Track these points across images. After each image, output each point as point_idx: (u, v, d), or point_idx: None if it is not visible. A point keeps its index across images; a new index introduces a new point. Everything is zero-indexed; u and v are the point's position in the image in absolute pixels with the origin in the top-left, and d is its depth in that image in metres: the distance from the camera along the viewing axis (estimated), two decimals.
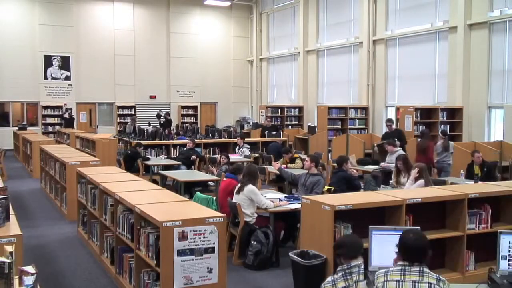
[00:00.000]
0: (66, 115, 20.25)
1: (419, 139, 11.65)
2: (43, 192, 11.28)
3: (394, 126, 12.77)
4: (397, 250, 3.33)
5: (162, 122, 20.05)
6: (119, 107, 22.64)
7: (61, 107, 21.39)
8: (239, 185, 6.66)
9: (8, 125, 21.10)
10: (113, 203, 5.68)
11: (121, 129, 21.32)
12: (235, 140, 13.74)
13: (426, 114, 14.02)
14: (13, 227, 3.99)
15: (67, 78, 21.60)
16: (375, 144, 12.19)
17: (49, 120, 21.44)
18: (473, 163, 9.48)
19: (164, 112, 20.79)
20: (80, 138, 15.30)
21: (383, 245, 3.96)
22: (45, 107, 21.35)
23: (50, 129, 21.27)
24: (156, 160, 12.07)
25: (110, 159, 12.51)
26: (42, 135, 18.66)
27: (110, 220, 5.85)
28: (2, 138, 19.95)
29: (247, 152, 12.76)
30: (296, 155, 10.90)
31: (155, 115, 21.29)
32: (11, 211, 4.23)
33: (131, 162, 11.37)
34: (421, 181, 7.04)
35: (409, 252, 3.20)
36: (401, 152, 10.28)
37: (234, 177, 7.26)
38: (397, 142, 10.88)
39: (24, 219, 8.36)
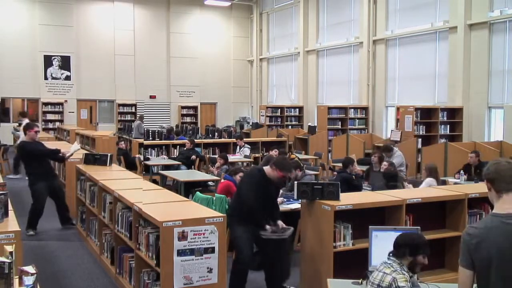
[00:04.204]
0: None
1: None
2: None
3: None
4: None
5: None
6: (119, 105, 22.65)
7: (61, 104, 21.41)
8: None
9: (8, 121, 21.12)
10: (112, 200, 5.68)
11: (122, 126, 21.31)
12: (235, 140, 13.73)
13: (426, 114, 14.02)
14: (12, 223, 4.00)
15: (67, 78, 21.61)
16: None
17: (50, 116, 21.47)
18: (471, 164, 9.45)
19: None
20: (80, 135, 15.30)
21: (383, 245, 3.95)
22: (46, 104, 21.37)
23: (50, 125, 21.29)
24: (156, 160, 12.07)
25: None
26: (42, 132, 18.62)
27: (109, 218, 5.86)
28: (2, 133, 19.93)
29: (247, 152, 12.75)
30: (292, 156, 10.89)
31: (155, 115, 21.31)
32: (10, 207, 4.24)
33: (128, 160, 11.36)
34: (428, 179, 7.13)
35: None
36: (399, 153, 10.25)
37: (231, 179, 7.23)
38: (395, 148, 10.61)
39: (23, 215, 8.32)
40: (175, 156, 12.51)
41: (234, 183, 7.12)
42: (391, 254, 3.44)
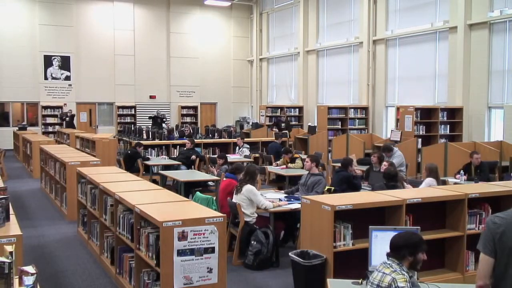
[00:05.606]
0: (67, 118, 20.12)
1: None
2: (43, 192, 11.28)
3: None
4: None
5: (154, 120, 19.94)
6: (119, 107, 22.64)
7: (61, 107, 21.39)
8: (238, 185, 6.65)
9: (8, 125, 21.10)
10: (113, 203, 5.68)
11: (121, 129, 21.29)
12: (235, 140, 13.74)
13: (426, 114, 14.02)
14: (13, 227, 3.99)
15: (67, 78, 21.59)
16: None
17: (49, 120, 21.45)
18: (471, 164, 9.44)
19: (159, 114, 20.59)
20: (80, 138, 15.29)
21: (383, 245, 3.96)
22: (45, 107, 21.35)
23: (50, 129, 21.28)
24: (156, 160, 12.07)
25: (110, 159, 12.52)
26: (42, 135, 18.67)
27: (110, 220, 5.84)
28: (2, 138, 19.95)
29: (247, 152, 12.76)
30: (296, 155, 10.91)
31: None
32: (11, 211, 4.23)
33: (131, 162, 11.38)
34: (428, 179, 7.13)
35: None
36: (399, 153, 10.23)
37: (234, 177, 7.26)
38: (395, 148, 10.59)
39: (24, 219, 8.36)
40: (175, 156, 12.53)
41: (236, 180, 7.13)
42: (389, 257, 3.44)
